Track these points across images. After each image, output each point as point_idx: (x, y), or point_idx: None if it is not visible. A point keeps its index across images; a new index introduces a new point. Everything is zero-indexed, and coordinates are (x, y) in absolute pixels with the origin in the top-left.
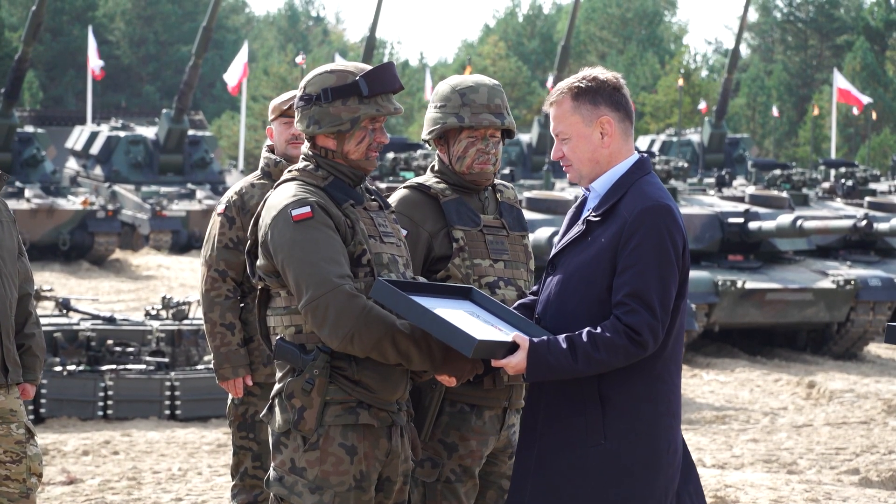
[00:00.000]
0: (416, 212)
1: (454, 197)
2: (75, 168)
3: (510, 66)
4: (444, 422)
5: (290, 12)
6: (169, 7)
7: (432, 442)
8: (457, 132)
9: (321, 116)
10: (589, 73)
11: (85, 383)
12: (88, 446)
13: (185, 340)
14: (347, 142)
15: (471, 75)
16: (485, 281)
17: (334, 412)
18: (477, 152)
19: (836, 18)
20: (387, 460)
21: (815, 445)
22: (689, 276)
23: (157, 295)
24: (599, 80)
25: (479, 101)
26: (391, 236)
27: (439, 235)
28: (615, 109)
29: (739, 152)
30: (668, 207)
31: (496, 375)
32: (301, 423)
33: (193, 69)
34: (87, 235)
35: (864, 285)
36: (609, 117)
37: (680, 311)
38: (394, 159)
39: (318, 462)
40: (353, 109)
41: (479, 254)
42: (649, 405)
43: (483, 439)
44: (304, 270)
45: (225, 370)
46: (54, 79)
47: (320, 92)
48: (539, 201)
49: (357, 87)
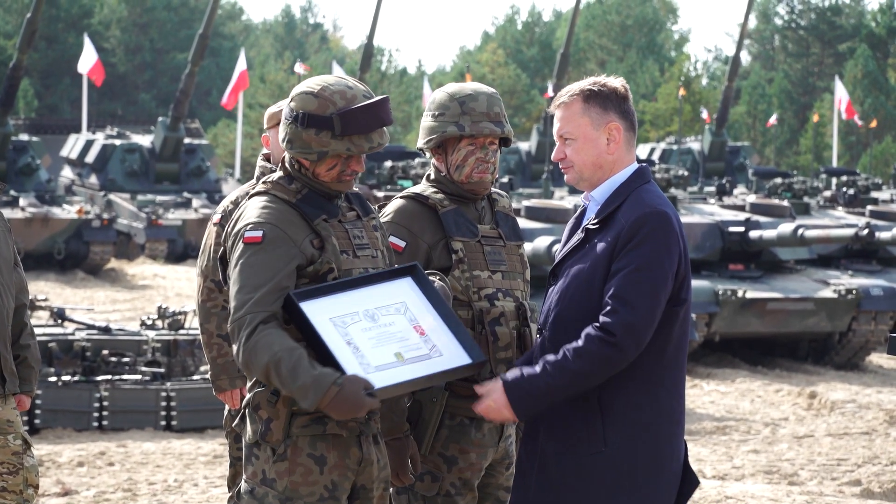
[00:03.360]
0: (415, 223)
1: (452, 207)
2: (70, 177)
3: (509, 73)
4: (444, 435)
5: (287, 19)
6: (165, 14)
7: (432, 455)
8: (455, 141)
9: (294, 138)
10: (600, 79)
11: (80, 394)
12: (83, 457)
13: (181, 351)
14: (318, 166)
15: (468, 83)
16: (484, 292)
17: (301, 423)
18: (476, 161)
19: (837, 25)
20: (359, 469)
21: (817, 456)
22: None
23: (153, 305)
24: (610, 86)
25: (479, 110)
26: (367, 248)
27: (438, 247)
28: (623, 118)
29: (740, 161)
30: (664, 214)
31: None
32: (269, 434)
33: (189, 77)
34: (82, 245)
35: (865, 295)
36: (618, 124)
37: (680, 318)
38: (391, 168)
39: (287, 473)
40: (324, 143)
41: (478, 265)
42: (650, 412)
43: (482, 451)
44: (234, 290)
45: (222, 381)
46: (49, 87)
47: (298, 114)
48: (538, 210)
49: (331, 123)
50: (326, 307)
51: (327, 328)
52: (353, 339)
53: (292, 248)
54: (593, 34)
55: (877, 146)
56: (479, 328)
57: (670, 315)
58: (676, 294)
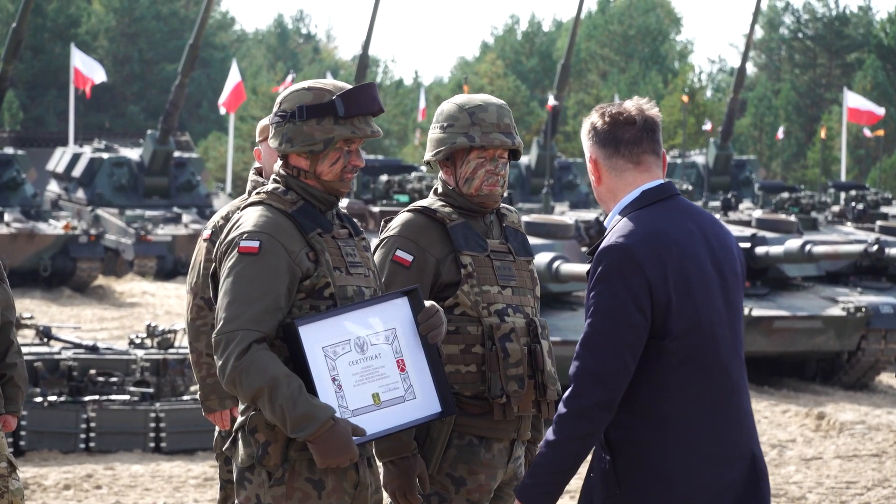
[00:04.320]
0: (423, 237)
1: (460, 221)
2: (57, 191)
3: (508, 84)
4: (452, 455)
5: (279, 29)
6: (154, 24)
7: (440, 476)
8: (465, 153)
9: (294, 134)
10: (591, 114)
11: (66, 414)
12: (70, 480)
13: (170, 370)
14: (321, 162)
15: (477, 94)
16: (494, 308)
17: (299, 446)
18: (486, 173)
19: (845, 35)
20: (356, 493)
21: (825, 479)
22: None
23: (142, 323)
24: (590, 120)
25: (490, 121)
26: (359, 266)
27: (447, 261)
28: (602, 146)
29: (746, 174)
30: (621, 247)
31: (506, 406)
32: (266, 458)
33: (179, 89)
34: (68, 261)
35: (875, 313)
36: (594, 156)
37: (675, 351)
38: (387, 182)
39: (284, 498)
40: (328, 130)
41: (488, 280)
42: (657, 449)
43: (492, 473)
44: (224, 301)
45: (211, 402)
46: (35, 98)
47: (295, 109)
48: (538, 225)
49: (333, 106)
50: (322, 331)
51: (318, 359)
52: (338, 374)
53: (289, 260)
54: (595, 44)
55: (886, 160)
56: (490, 344)
57: (659, 350)
58: (662, 326)
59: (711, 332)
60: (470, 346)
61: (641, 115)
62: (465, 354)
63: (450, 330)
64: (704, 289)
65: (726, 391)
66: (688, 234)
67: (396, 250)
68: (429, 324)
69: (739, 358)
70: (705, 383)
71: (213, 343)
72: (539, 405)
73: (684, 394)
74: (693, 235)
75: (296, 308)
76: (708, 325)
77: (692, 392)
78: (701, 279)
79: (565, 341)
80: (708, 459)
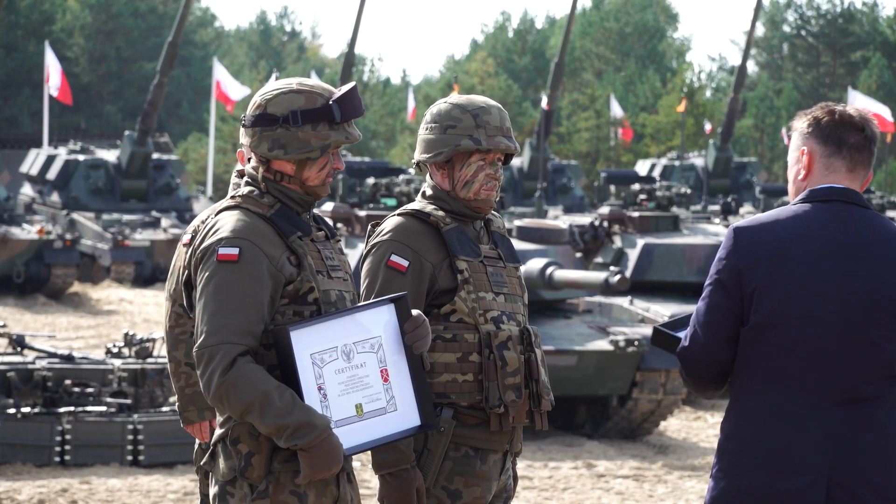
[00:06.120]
0: (417, 241)
1: (454, 225)
2: (30, 194)
3: (500, 84)
4: (448, 467)
5: (262, 26)
6: (131, 21)
7: (436, 489)
8: (465, 156)
9: (288, 141)
10: None
11: (40, 427)
12: (44, 495)
13: (148, 381)
14: (309, 168)
15: (475, 96)
16: (490, 315)
17: (283, 457)
18: (486, 177)
19: (850, 33)
20: None
21: None
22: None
23: (119, 331)
24: (811, 114)
25: (494, 124)
26: (338, 270)
27: (442, 267)
28: (822, 143)
29: (747, 177)
30: (731, 231)
31: (503, 416)
32: (249, 469)
33: (158, 88)
34: (43, 267)
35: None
36: (811, 150)
37: (757, 341)
38: (374, 185)
39: None
40: (324, 136)
41: (482, 286)
42: (732, 442)
43: (487, 485)
44: (206, 314)
45: (190, 413)
46: (8, 98)
47: (288, 114)
48: (531, 230)
49: (329, 111)
50: (312, 337)
51: (305, 367)
52: (325, 382)
53: (270, 267)
54: (590, 42)
55: (892, 162)
56: (487, 352)
57: (744, 339)
58: (746, 315)
59: (781, 331)
60: (467, 355)
61: (869, 127)
62: (462, 363)
63: (446, 338)
64: (799, 294)
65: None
66: (814, 239)
67: (391, 255)
68: (415, 334)
69: (836, 383)
70: (770, 383)
71: (195, 357)
72: (532, 416)
73: (763, 386)
74: (825, 243)
75: (279, 314)
76: (778, 322)
77: (777, 386)
78: (799, 284)
79: (559, 350)
80: (760, 459)
